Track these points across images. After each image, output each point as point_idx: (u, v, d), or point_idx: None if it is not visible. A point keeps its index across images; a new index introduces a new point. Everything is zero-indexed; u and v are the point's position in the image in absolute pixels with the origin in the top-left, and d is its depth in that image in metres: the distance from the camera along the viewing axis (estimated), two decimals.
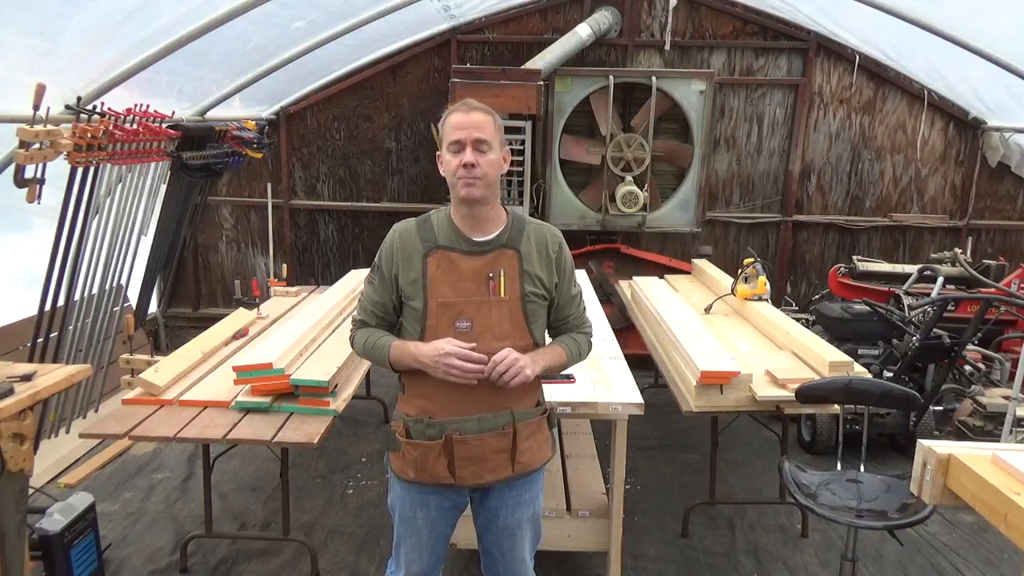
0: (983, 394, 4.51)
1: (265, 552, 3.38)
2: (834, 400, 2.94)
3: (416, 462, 2.09)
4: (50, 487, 3.79)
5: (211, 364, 3.46)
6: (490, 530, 2.23)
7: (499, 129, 2.04)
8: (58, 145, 3.11)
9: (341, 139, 6.07)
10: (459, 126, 1.99)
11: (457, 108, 2.03)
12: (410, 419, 2.10)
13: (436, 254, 2.04)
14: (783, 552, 3.48)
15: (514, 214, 2.13)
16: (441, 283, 2.03)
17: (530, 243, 2.08)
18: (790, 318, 3.94)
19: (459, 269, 2.03)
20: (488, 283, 2.03)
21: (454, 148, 1.99)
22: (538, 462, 2.18)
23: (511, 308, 2.05)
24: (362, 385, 4.21)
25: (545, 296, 2.11)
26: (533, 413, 2.15)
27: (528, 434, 2.13)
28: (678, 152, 5.71)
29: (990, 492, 1.54)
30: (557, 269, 2.12)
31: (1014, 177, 5.87)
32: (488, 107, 2.05)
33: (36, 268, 3.68)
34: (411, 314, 2.07)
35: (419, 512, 2.16)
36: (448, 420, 2.06)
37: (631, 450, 3.20)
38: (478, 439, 2.06)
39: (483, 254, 2.05)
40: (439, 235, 2.06)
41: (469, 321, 2.02)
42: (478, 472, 2.09)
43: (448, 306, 2.02)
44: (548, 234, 2.13)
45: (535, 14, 5.79)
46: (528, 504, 2.21)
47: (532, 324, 2.08)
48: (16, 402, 2.26)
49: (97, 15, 3.19)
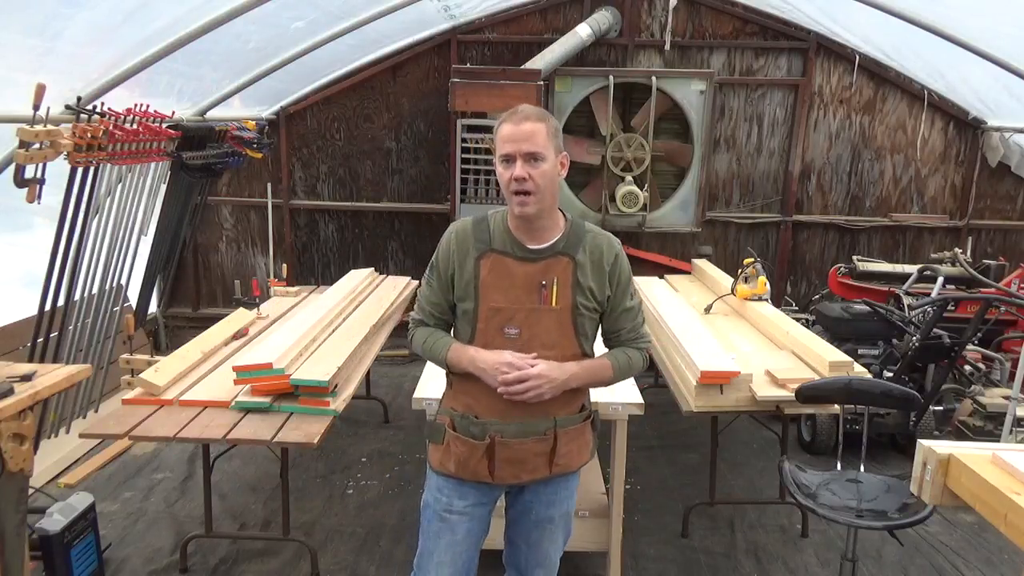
0: (983, 394, 4.51)
1: (265, 552, 3.38)
2: (834, 400, 2.95)
3: (460, 457, 2.08)
4: (50, 487, 3.79)
5: (211, 364, 3.46)
6: (521, 523, 2.23)
7: (554, 134, 1.96)
8: (58, 145, 3.11)
9: (341, 139, 6.07)
10: (509, 138, 1.93)
11: (508, 118, 1.96)
12: (456, 414, 2.11)
13: (489, 257, 2.01)
14: (783, 552, 3.48)
15: (573, 220, 2.08)
16: (493, 288, 2.01)
17: (586, 253, 2.04)
18: (790, 318, 3.94)
19: (512, 275, 2.01)
20: (540, 291, 2.01)
21: (505, 160, 1.94)
22: (576, 464, 2.18)
23: (560, 318, 2.02)
24: (362, 385, 4.21)
25: (596, 308, 2.07)
26: (576, 419, 2.14)
27: (569, 439, 2.11)
28: (678, 152, 5.71)
29: (990, 492, 1.54)
30: (611, 281, 2.07)
31: (1014, 177, 5.87)
32: (542, 112, 1.99)
33: (36, 268, 3.68)
34: (463, 316, 2.07)
35: (456, 503, 2.13)
36: (491, 421, 2.05)
37: (631, 450, 3.20)
38: (519, 443, 2.06)
39: (537, 261, 2.02)
40: (494, 238, 2.03)
41: (518, 328, 2.00)
42: (516, 473, 2.10)
43: (498, 311, 2.01)
44: (605, 244, 2.08)
45: (535, 14, 5.78)
46: (562, 502, 2.21)
47: (581, 335, 2.06)
48: (16, 402, 2.26)
49: (97, 15, 3.19)
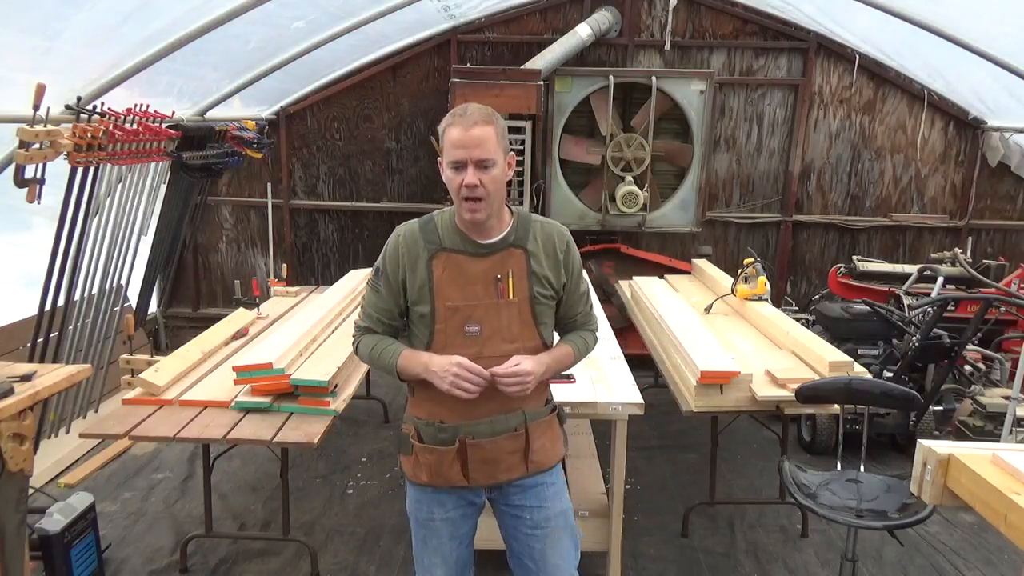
0: (983, 394, 4.51)
1: (265, 552, 3.38)
2: (834, 400, 2.94)
3: (430, 466, 2.05)
4: (50, 487, 3.79)
5: (211, 364, 3.46)
6: (518, 534, 2.15)
7: (502, 136, 1.93)
8: (58, 145, 3.11)
9: (341, 139, 6.07)
10: (459, 144, 1.88)
11: (455, 122, 1.89)
12: (421, 422, 2.07)
13: (441, 257, 1.98)
14: (783, 552, 3.48)
15: (519, 212, 2.06)
16: (448, 286, 1.97)
17: (537, 242, 2.02)
18: (790, 318, 3.94)
19: (466, 272, 1.98)
20: (496, 285, 1.99)
21: (455, 168, 1.91)
22: (551, 460, 2.15)
23: (520, 310, 2.00)
24: (362, 385, 4.21)
25: (553, 296, 2.06)
26: (543, 412, 2.13)
27: (540, 433, 2.10)
28: (678, 152, 5.70)
29: (990, 492, 1.54)
30: (565, 268, 2.07)
31: (1014, 177, 5.87)
32: (489, 112, 1.93)
33: (36, 268, 3.68)
34: (419, 320, 2.02)
35: (436, 512, 2.12)
36: (460, 424, 2.02)
37: (631, 450, 3.20)
38: (492, 443, 2.03)
39: (490, 255, 1.99)
40: (444, 237, 2.00)
41: (478, 325, 1.98)
42: (491, 473, 2.06)
43: (457, 310, 1.97)
44: (555, 233, 2.07)
45: (535, 14, 5.78)
46: (553, 500, 2.14)
47: (541, 325, 2.05)
48: (16, 402, 2.26)
49: (97, 15, 3.19)
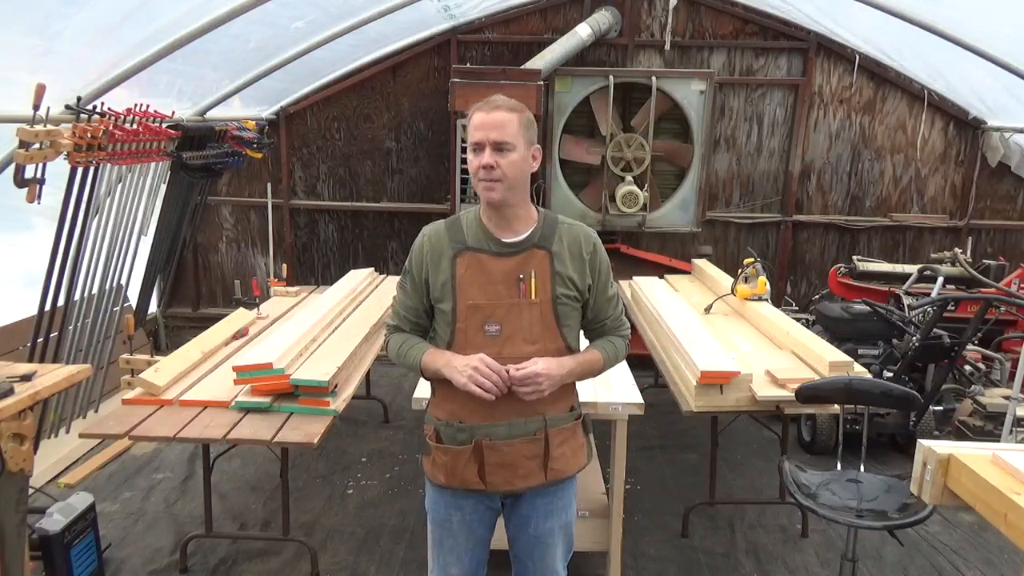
0: (983, 394, 4.51)
1: (265, 552, 3.38)
2: (834, 400, 2.94)
3: (446, 467, 2.05)
4: (50, 487, 3.79)
5: (211, 364, 3.46)
6: (520, 538, 2.17)
7: (526, 126, 1.95)
8: (58, 145, 3.11)
9: (341, 139, 6.07)
10: (479, 126, 1.92)
11: (480, 106, 1.95)
12: (440, 423, 2.07)
13: (465, 255, 1.99)
14: (783, 552, 3.48)
15: (546, 214, 2.07)
16: (470, 285, 1.98)
17: (562, 243, 2.01)
18: (790, 318, 3.94)
19: (489, 271, 1.98)
20: (518, 285, 1.98)
21: (475, 148, 1.94)
22: (572, 469, 2.12)
23: (542, 310, 1.99)
24: (362, 385, 4.21)
25: (578, 298, 2.04)
26: (566, 418, 2.09)
27: (561, 440, 2.07)
28: (678, 152, 5.70)
29: (990, 492, 1.54)
30: (591, 270, 2.05)
31: (1014, 177, 5.87)
32: (515, 103, 1.95)
33: (36, 268, 3.67)
34: (441, 317, 2.03)
35: (454, 515, 2.12)
36: (478, 425, 2.01)
37: (631, 450, 3.20)
38: (508, 445, 2.01)
39: (513, 255, 1.99)
40: (468, 236, 2.00)
41: (498, 324, 1.97)
42: (509, 479, 2.04)
43: (477, 308, 1.97)
44: (582, 234, 2.05)
45: (535, 14, 5.78)
46: (560, 512, 2.14)
47: (563, 327, 2.03)
48: (16, 402, 2.26)
49: (97, 15, 3.19)
